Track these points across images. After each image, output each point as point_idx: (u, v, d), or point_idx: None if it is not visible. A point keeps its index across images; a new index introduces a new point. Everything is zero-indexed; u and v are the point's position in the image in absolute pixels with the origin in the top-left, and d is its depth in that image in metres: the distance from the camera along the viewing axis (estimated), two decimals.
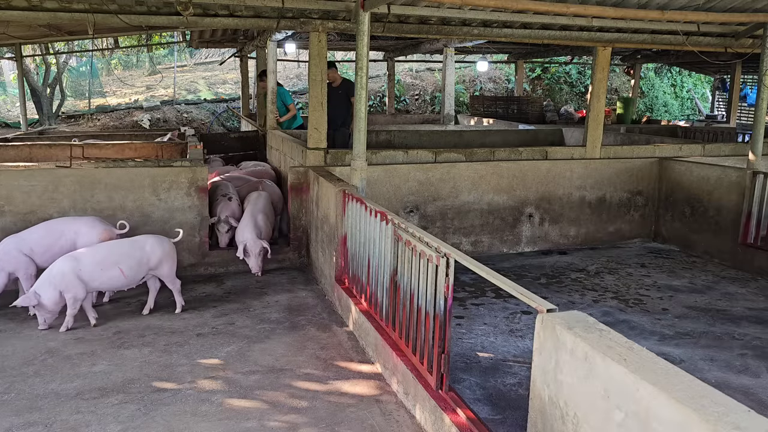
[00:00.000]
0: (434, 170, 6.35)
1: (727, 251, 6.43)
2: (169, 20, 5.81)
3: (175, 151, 8.32)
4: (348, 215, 4.63)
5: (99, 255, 4.45)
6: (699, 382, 1.84)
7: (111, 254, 4.49)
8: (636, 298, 5.36)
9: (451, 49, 10.56)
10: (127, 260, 4.50)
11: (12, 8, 5.35)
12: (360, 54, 4.74)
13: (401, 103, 18.33)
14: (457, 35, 6.59)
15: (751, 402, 3.53)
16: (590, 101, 7.27)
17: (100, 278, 4.42)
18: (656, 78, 20.79)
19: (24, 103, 11.12)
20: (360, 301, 4.39)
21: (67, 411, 3.35)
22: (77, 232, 4.83)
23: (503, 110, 13.22)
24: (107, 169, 5.60)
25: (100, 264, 4.41)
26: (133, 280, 4.60)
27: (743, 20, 6.28)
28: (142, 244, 4.65)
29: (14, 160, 7.30)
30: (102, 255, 4.46)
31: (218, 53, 21.26)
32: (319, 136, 6.24)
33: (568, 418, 2.19)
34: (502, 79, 19.87)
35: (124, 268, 4.48)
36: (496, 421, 3.33)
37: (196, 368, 3.87)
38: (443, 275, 3.00)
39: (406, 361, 3.45)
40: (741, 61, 11.23)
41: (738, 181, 6.32)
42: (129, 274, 4.52)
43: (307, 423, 3.27)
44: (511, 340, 4.41)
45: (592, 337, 2.13)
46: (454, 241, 6.44)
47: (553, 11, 5.48)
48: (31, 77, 14.57)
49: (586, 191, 7.01)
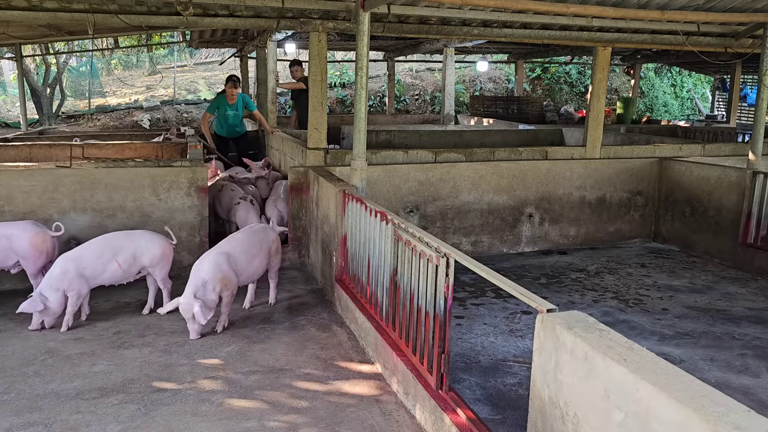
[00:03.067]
0: (434, 170, 6.35)
1: (727, 251, 6.43)
2: (169, 20, 5.81)
3: (175, 151, 8.33)
4: (348, 215, 4.63)
5: (98, 249, 4.49)
6: (699, 382, 1.84)
7: (109, 247, 4.53)
8: (636, 298, 5.36)
9: (451, 49, 10.55)
10: (123, 253, 4.53)
11: (12, 8, 5.35)
12: (360, 54, 4.74)
13: (401, 103, 18.33)
14: (457, 35, 6.59)
15: (751, 402, 3.53)
16: (590, 101, 7.27)
17: (103, 273, 4.47)
18: (656, 78, 20.79)
19: (24, 103, 11.12)
20: (360, 301, 4.39)
21: (67, 411, 3.35)
22: (9, 236, 4.73)
23: (503, 110, 13.21)
24: (107, 169, 5.60)
25: (101, 257, 4.45)
26: (128, 274, 4.60)
27: (743, 20, 6.28)
28: (137, 237, 4.67)
29: (14, 160, 7.30)
30: (101, 248, 4.50)
31: (218, 53, 21.26)
32: (319, 136, 6.24)
33: (568, 418, 2.19)
34: (502, 79, 19.87)
35: (121, 260, 4.50)
36: (496, 421, 3.33)
37: (196, 368, 3.87)
38: (443, 275, 3.00)
39: (406, 361, 3.45)
40: (741, 61, 11.22)
41: (738, 181, 6.32)
42: (125, 267, 4.54)
43: (307, 423, 3.27)
44: (511, 340, 4.42)
45: (592, 337, 2.13)
46: (454, 241, 6.44)
47: (553, 11, 5.48)
48: (31, 77, 14.58)
49: (586, 191, 7.02)
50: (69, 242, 5.43)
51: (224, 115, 8.59)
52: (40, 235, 4.82)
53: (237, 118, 8.66)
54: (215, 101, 8.78)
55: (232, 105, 8.50)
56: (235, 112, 8.57)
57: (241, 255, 4.53)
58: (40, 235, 4.82)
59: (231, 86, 8.41)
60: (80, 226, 5.45)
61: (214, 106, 8.69)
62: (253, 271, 4.67)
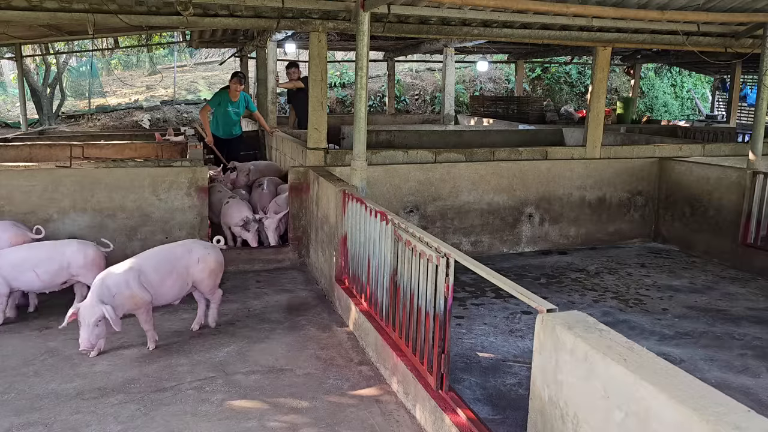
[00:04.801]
0: (434, 170, 6.35)
1: (727, 251, 6.43)
2: (169, 20, 5.81)
3: (175, 151, 8.33)
4: (348, 215, 4.63)
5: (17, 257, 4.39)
6: (699, 382, 1.84)
7: (29, 258, 4.41)
8: (636, 298, 5.36)
9: (451, 49, 10.56)
10: (45, 264, 4.39)
11: (12, 8, 5.35)
12: (360, 54, 4.74)
13: (401, 103, 18.33)
14: (457, 35, 6.59)
15: (751, 402, 3.53)
16: (590, 101, 7.27)
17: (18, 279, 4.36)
18: (656, 78, 20.79)
19: (24, 103, 11.12)
20: (360, 301, 4.39)
21: (67, 411, 3.35)
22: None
23: (503, 110, 13.21)
24: (107, 169, 5.60)
25: (16, 267, 4.35)
26: (50, 284, 4.49)
27: (743, 20, 6.28)
28: (62, 248, 4.52)
29: (14, 160, 7.30)
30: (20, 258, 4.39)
31: (218, 53, 21.25)
32: (319, 136, 6.24)
33: (568, 418, 2.19)
34: (502, 79, 19.86)
35: (40, 271, 4.38)
36: (496, 421, 3.33)
37: (196, 368, 3.87)
38: (443, 275, 3.00)
39: (406, 361, 3.45)
40: (741, 61, 11.21)
41: (738, 181, 6.32)
42: (45, 278, 4.41)
43: (307, 423, 3.27)
44: (511, 340, 4.42)
45: (592, 337, 2.13)
46: (454, 241, 6.43)
47: (553, 11, 5.49)
48: (31, 77, 14.57)
49: (586, 191, 7.01)
50: None
51: (225, 112, 8.35)
52: (20, 236, 4.78)
53: (237, 117, 8.48)
54: (217, 95, 8.51)
55: (234, 102, 8.33)
56: (236, 109, 8.39)
57: (153, 273, 4.03)
58: (20, 236, 4.78)
59: (236, 81, 8.23)
60: (80, 226, 5.45)
61: (216, 100, 8.43)
62: (167, 291, 4.14)
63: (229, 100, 8.33)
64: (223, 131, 8.49)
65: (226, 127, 8.49)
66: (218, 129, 8.47)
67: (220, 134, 8.49)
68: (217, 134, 8.46)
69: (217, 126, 8.46)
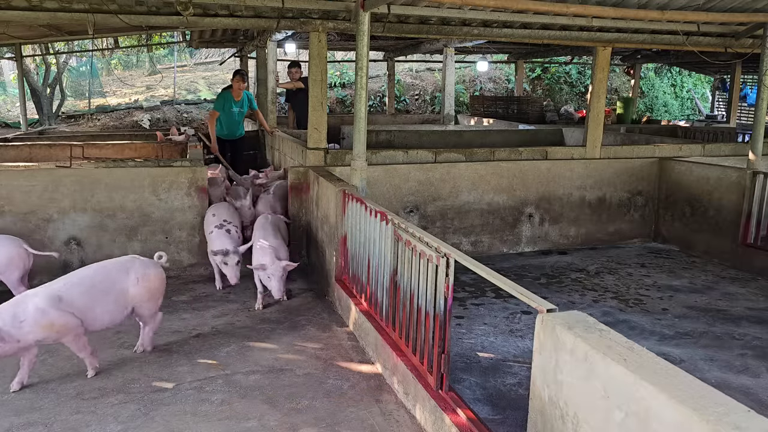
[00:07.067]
0: (434, 170, 6.35)
1: (727, 251, 6.43)
2: (169, 20, 5.81)
3: (175, 151, 8.33)
4: (348, 215, 4.63)
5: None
6: (699, 382, 1.84)
7: None
8: (636, 298, 5.36)
9: (451, 49, 10.55)
10: None
11: (12, 8, 5.35)
12: (360, 54, 4.74)
13: (401, 103, 18.32)
14: (457, 35, 6.59)
15: (751, 402, 3.53)
16: (590, 101, 7.27)
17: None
18: (656, 78, 20.78)
19: (24, 103, 11.11)
20: (360, 301, 4.39)
21: (67, 411, 3.35)
22: None
23: (503, 110, 13.20)
24: (107, 169, 5.60)
25: None
26: None
27: (743, 20, 6.28)
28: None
29: (14, 160, 7.30)
30: None
31: (218, 53, 21.25)
32: (319, 136, 6.24)
33: (568, 418, 2.19)
34: (502, 79, 19.86)
35: None
36: (496, 421, 3.33)
37: (196, 368, 3.87)
38: (443, 275, 3.00)
39: (406, 361, 3.45)
40: (741, 61, 11.22)
41: (738, 181, 6.32)
42: None
43: (307, 423, 3.27)
44: (511, 340, 4.42)
45: (592, 337, 2.13)
46: (454, 241, 6.43)
47: (553, 11, 5.48)
48: (31, 77, 14.56)
49: (586, 191, 7.01)
50: (68, 242, 5.45)
51: (229, 112, 8.23)
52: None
53: (241, 116, 8.39)
54: (221, 98, 8.34)
55: (237, 101, 8.23)
56: (240, 109, 8.29)
57: (80, 297, 3.63)
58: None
59: (239, 79, 8.13)
60: (80, 226, 5.45)
61: (221, 103, 8.25)
62: (100, 315, 3.73)
63: (233, 100, 8.25)
64: (227, 132, 8.39)
65: (230, 128, 8.37)
66: (222, 130, 8.36)
67: (224, 135, 8.36)
68: (221, 135, 8.33)
69: (221, 127, 8.34)
